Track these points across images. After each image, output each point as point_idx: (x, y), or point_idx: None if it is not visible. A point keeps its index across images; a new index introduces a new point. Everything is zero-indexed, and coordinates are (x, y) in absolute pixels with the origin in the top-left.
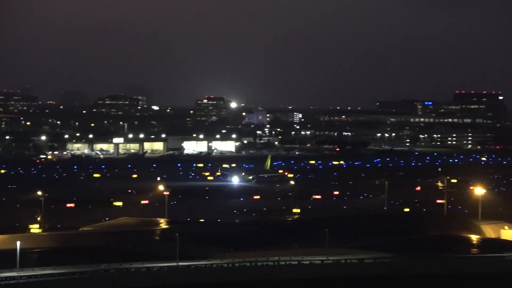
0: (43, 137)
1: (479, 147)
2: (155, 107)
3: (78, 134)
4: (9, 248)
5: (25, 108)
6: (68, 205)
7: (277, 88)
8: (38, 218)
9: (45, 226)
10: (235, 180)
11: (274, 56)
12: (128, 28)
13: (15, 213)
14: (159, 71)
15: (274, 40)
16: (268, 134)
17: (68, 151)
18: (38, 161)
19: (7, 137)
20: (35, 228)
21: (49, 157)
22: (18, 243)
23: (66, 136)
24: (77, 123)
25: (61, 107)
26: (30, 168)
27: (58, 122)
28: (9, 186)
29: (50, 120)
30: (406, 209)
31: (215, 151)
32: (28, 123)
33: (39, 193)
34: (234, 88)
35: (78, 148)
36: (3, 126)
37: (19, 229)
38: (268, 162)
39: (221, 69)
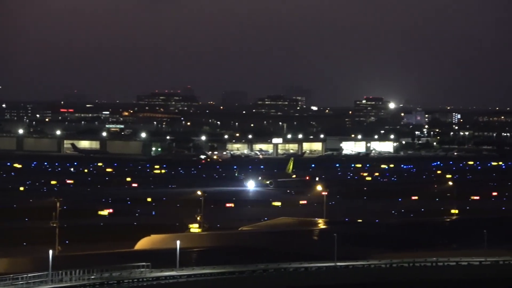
0: (203, 137)
1: None
2: (314, 108)
3: (237, 134)
4: (169, 247)
5: (185, 108)
6: (228, 205)
7: (436, 89)
8: (198, 218)
9: (204, 225)
10: (251, 185)
11: (434, 56)
12: (287, 29)
13: (175, 212)
14: (319, 72)
15: (433, 40)
16: (426, 134)
17: (228, 151)
18: (203, 161)
19: (168, 137)
20: (194, 228)
21: (215, 157)
22: (178, 242)
23: (226, 136)
24: (237, 123)
25: (221, 107)
26: (190, 168)
27: (218, 122)
28: (170, 186)
29: (210, 120)
30: None
31: (373, 151)
32: (189, 123)
33: (199, 192)
34: (392, 89)
35: (238, 148)
36: (163, 126)
37: (179, 229)
38: (290, 166)
39: (380, 69)
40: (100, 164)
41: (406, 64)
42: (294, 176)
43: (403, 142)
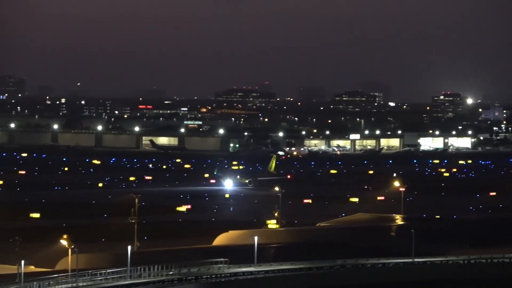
0: (281, 134)
1: None
2: (392, 104)
3: (315, 130)
4: (247, 243)
5: (263, 104)
6: (305, 201)
7: None
8: (276, 214)
9: (282, 221)
10: (228, 184)
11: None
12: (365, 25)
13: (252, 208)
14: (397, 67)
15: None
16: (504, 130)
17: (305, 147)
18: (283, 157)
19: (246, 134)
20: (272, 224)
21: (295, 153)
22: (256, 238)
23: (304, 132)
24: (314, 119)
25: (299, 103)
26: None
27: (296, 118)
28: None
29: (288, 116)
30: None
31: (451, 147)
32: (266, 119)
33: (277, 189)
34: (470, 84)
35: (316, 144)
36: (241, 122)
37: (257, 225)
38: (273, 164)
39: (458, 65)
40: (178, 160)
41: (484, 59)
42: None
43: (481, 138)
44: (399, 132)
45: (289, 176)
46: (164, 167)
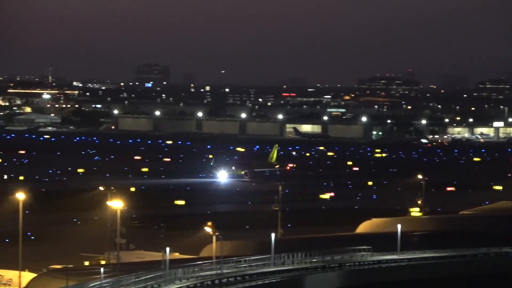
0: (424, 121)
1: None
2: None
3: (458, 118)
4: (390, 231)
5: (406, 92)
6: (448, 188)
7: None
8: (419, 202)
9: (425, 209)
10: (222, 176)
11: None
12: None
13: (396, 196)
14: None
15: None
16: None
17: (448, 135)
18: (429, 145)
19: (389, 121)
20: (415, 211)
21: (439, 140)
22: (399, 226)
23: (447, 120)
24: (457, 107)
25: (442, 91)
26: (411, 151)
27: (439, 106)
28: (390, 170)
29: (430, 104)
30: None
31: None
32: (409, 107)
33: (420, 176)
34: None
35: (459, 132)
36: (384, 110)
37: (400, 212)
38: (274, 154)
39: None
40: (321, 148)
41: None
42: (277, 166)
43: None
44: None
45: (288, 167)
46: (308, 154)
